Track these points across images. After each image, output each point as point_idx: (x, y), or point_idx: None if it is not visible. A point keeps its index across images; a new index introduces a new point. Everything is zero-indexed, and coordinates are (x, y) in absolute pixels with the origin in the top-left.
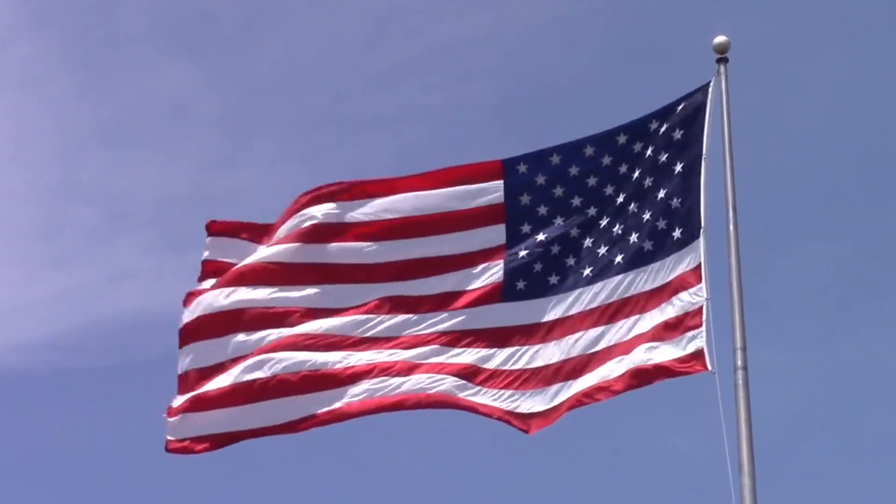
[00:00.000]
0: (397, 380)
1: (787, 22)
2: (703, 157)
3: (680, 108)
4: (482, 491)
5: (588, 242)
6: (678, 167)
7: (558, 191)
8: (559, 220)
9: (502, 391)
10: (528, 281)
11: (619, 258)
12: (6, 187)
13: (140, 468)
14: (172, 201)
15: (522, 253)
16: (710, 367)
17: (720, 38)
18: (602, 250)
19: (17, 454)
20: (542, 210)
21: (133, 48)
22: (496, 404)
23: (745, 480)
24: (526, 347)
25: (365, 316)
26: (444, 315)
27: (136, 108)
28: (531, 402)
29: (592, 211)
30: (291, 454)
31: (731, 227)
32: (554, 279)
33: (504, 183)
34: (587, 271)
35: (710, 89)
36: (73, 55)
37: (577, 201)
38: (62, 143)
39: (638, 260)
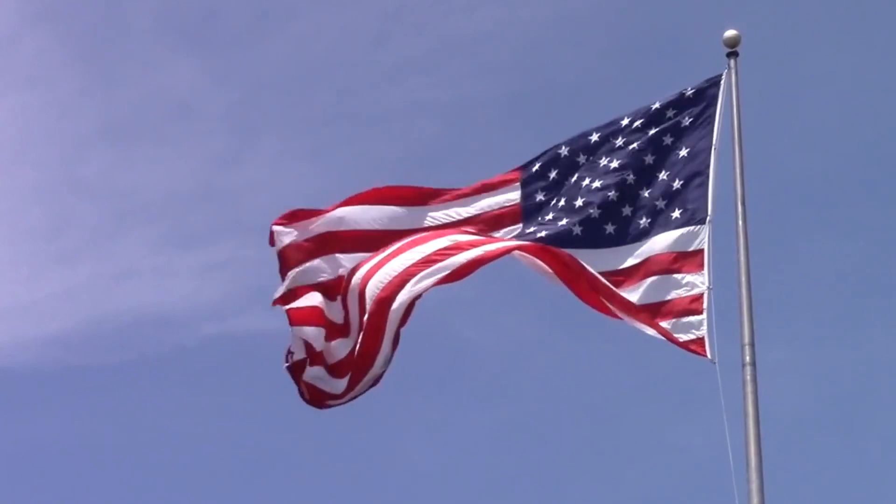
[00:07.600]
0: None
1: (798, 16)
2: (714, 147)
3: (688, 94)
4: (487, 487)
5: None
6: (683, 151)
7: (570, 180)
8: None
9: None
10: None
11: (611, 229)
12: (11, 185)
13: (145, 467)
14: (178, 198)
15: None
16: (709, 356)
17: (730, 32)
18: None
19: (23, 452)
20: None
21: (138, 45)
22: None
23: (753, 477)
24: None
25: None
26: None
27: (142, 105)
28: None
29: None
30: (292, 452)
31: (740, 221)
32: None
33: (520, 185)
34: (578, 230)
35: (722, 82)
36: (77, 52)
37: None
38: (67, 140)
39: (632, 234)
